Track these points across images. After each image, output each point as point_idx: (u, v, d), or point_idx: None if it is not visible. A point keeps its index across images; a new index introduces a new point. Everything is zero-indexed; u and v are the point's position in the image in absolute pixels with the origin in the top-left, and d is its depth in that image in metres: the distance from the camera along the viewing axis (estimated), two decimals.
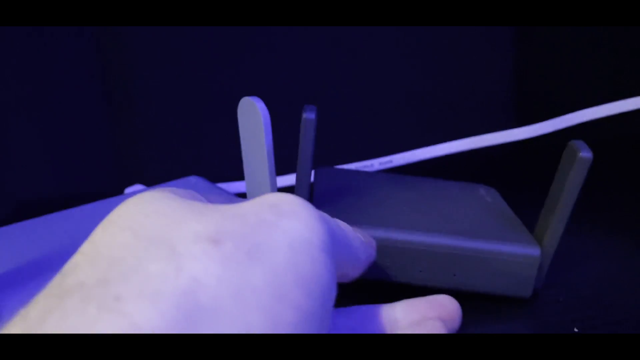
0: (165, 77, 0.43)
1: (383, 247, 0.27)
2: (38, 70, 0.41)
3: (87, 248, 0.15)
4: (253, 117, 0.29)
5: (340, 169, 0.34)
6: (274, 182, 0.30)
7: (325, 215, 0.19)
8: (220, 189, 0.34)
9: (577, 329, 0.25)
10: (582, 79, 0.47)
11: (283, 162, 0.44)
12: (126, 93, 0.43)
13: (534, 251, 0.26)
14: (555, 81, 0.47)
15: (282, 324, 0.14)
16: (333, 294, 0.17)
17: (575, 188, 0.25)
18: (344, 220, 0.25)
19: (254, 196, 0.31)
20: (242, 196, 0.42)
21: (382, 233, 0.26)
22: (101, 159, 0.43)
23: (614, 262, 0.30)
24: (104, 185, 0.43)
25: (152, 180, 0.43)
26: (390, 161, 0.43)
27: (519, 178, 0.42)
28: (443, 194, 0.32)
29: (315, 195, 0.30)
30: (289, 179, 0.42)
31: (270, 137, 0.29)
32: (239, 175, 0.42)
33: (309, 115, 0.27)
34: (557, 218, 0.26)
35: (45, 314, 0.13)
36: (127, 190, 0.40)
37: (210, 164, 0.44)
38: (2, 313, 0.22)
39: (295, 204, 0.17)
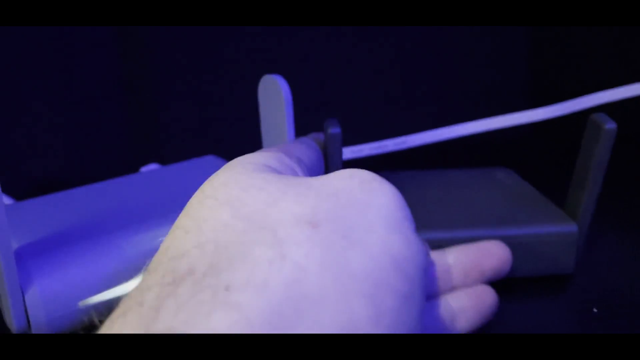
0: (181, 56, 0.43)
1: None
2: (59, 53, 0.41)
3: (187, 223, 0.15)
4: (275, 95, 0.29)
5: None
6: None
7: None
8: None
9: (596, 309, 0.25)
10: (599, 61, 0.47)
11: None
12: (143, 73, 0.43)
13: (571, 228, 0.27)
14: (571, 63, 0.47)
15: (384, 310, 0.13)
16: (426, 275, 0.16)
17: (603, 161, 0.26)
18: None
19: None
20: None
21: (430, 234, 0.27)
22: (117, 139, 0.43)
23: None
24: (120, 164, 0.43)
25: (168, 159, 0.43)
26: (404, 142, 0.43)
27: (535, 159, 0.42)
28: (464, 184, 0.32)
29: None
30: None
31: (291, 114, 0.29)
32: None
33: (333, 130, 0.27)
34: (588, 192, 0.26)
35: (160, 302, 0.13)
36: (143, 169, 0.40)
37: (227, 143, 0.44)
38: (33, 277, 0.22)
39: (379, 180, 0.17)
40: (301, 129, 0.45)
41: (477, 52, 0.46)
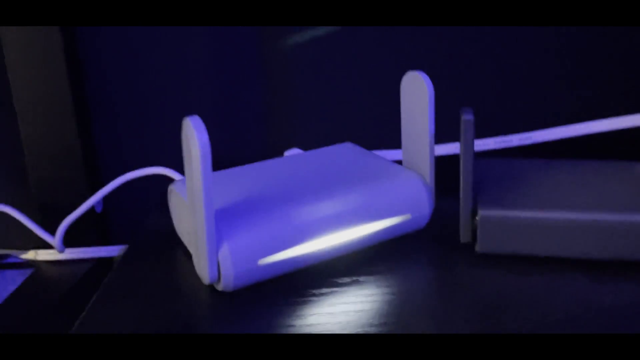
0: (321, 50, 0.47)
1: (559, 227, 0.29)
2: (214, 50, 0.46)
3: None
4: (418, 90, 0.32)
5: (490, 160, 0.37)
6: (432, 152, 0.33)
7: None
8: (376, 155, 0.37)
9: None
10: None
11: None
12: (285, 67, 0.47)
13: None
14: None
15: None
16: None
17: None
18: (516, 206, 0.30)
19: (411, 165, 0.34)
20: (398, 162, 0.46)
21: (559, 214, 0.29)
22: (262, 125, 0.48)
23: None
24: (265, 148, 0.48)
25: (308, 145, 0.47)
26: (530, 137, 0.44)
27: None
28: (603, 172, 0.34)
29: (480, 187, 0.33)
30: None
31: (433, 109, 0.32)
32: (391, 144, 0.46)
33: (467, 116, 0.29)
34: None
35: None
36: (286, 153, 0.44)
37: (364, 132, 0.47)
38: (224, 237, 0.28)
39: None
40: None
41: (613, 48, 0.46)
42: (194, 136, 0.25)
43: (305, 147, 0.48)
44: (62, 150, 0.46)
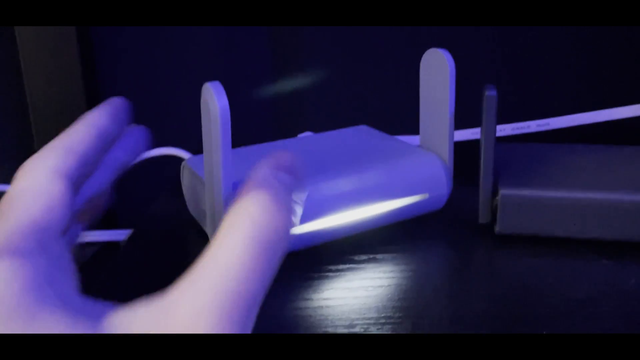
0: (332, 31, 0.46)
1: (580, 207, 0.29)
2: (224, 32, 0.46)
3: None
4: (438, 67, 0.32)
5: (511, 144, 0.36)
6: (452, 132, 0.32)
7: None
8: (392, 136, 0.37)
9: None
10: None
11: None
12: (297, 49, 0.47)
13: None
14: None
15: None
16: None
17: None
18: (537, 186, 0.29)
19: (429, 146, 0.34)
20: None
21: (580, 194, 0.29)
22: (273, 110, 0.48)
23: None
24: (279, 130, 0.48)
25: (321, 127, 0.47)
26: (548, 124, 0.44)
27: None
28: (624, 156, 0.34)
29: (500, 168, 0.32)
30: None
31: (454, 87, 0.31)
32: (407, 130, 0.45)
33: (491, 93, 0.29)
34: None
35: None
36: (300, 135, 0.44)
37: (379, 117, 0.47)
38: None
39: None
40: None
41: (631, 34, 0.46)
42: (214, 99, 0.25)
43: (317, 132, 0.47)
44: None
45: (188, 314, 0.15)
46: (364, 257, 0.30)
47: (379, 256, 0.30)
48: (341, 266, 0.29)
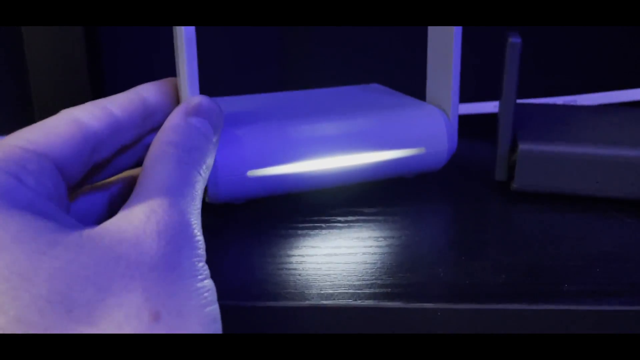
0: None
1: (600, 163, 0.28)
2: None
3: None
4: (447, 30, 0.30)
5: (530, 105, 0.35)
6: (457, 85, 0.31)
7: None
8: (401, 94, 0.35)
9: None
10: None
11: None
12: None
13: None
14: None
15: None
16: None
17: None
18: (557, 141, 0.28)
19: (434, 102, 0.32)
20: None
21: (600, 150, 0.28)
22: (279, 68, 0.46)
23: None
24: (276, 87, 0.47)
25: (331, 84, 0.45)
26: (575, 101, 0.43)
27: None
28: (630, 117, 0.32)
29: (519, 126, 0.31)
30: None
31: (460, 38, 0.30)
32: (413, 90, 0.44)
33: (515, 40, 0.27)
34: None
35: None
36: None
37: (388, 74, 0.46)
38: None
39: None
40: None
41: None
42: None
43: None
44: None
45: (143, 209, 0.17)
46: (373, 209, 0.28)
47: (389, 209, 0.28)
48: (350, 218, 0.28)
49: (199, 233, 0.18)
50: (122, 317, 0.15)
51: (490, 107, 0.45)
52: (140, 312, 0.15)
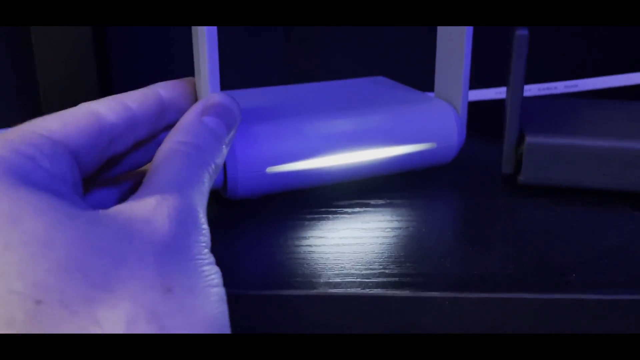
0: None
1: (607, 156, 0.28)
2: None
3: None
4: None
5: (537, 99, 0.35)
6: (467, 80, 0.31)
7: None
8: (408, 87, 0.35)
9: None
10: None
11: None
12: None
13: None
14: None
15: None
16: None
17: None
18: (564, 134, 0.28)
19: (443, 96, 0.32)
20: None
21: (608, 143, 0.28)
22: (282, 65, 0.46)
23: None
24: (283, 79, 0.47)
25: (338, 76, 0.45)
26: (576, 85, 0.42)
27: None
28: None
29: (526, 119, 0.30)
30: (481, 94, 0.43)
31: (471, 31, 0.30)
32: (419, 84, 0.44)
33: (522, 32, 0.27)
34: None
35: None
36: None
37: (395, 67, 0.46)
38: (235, 144, 0.26)
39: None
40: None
41: None
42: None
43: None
44: None
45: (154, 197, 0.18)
46: (381, 201, 0.28)
47: (396, 201, 0.28)
48: (357, 209, 0.28)
49: (205, 223, 0.18)
50: (138, 287, 0.15)
51: (492, 93, 0.44)
52: (154, 283, 0.15)
